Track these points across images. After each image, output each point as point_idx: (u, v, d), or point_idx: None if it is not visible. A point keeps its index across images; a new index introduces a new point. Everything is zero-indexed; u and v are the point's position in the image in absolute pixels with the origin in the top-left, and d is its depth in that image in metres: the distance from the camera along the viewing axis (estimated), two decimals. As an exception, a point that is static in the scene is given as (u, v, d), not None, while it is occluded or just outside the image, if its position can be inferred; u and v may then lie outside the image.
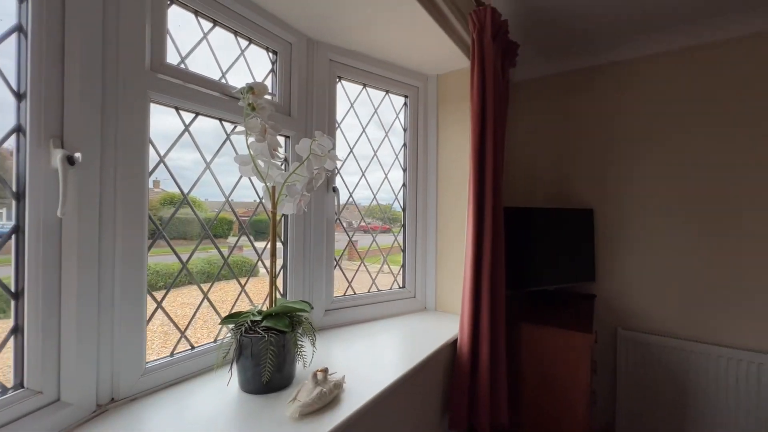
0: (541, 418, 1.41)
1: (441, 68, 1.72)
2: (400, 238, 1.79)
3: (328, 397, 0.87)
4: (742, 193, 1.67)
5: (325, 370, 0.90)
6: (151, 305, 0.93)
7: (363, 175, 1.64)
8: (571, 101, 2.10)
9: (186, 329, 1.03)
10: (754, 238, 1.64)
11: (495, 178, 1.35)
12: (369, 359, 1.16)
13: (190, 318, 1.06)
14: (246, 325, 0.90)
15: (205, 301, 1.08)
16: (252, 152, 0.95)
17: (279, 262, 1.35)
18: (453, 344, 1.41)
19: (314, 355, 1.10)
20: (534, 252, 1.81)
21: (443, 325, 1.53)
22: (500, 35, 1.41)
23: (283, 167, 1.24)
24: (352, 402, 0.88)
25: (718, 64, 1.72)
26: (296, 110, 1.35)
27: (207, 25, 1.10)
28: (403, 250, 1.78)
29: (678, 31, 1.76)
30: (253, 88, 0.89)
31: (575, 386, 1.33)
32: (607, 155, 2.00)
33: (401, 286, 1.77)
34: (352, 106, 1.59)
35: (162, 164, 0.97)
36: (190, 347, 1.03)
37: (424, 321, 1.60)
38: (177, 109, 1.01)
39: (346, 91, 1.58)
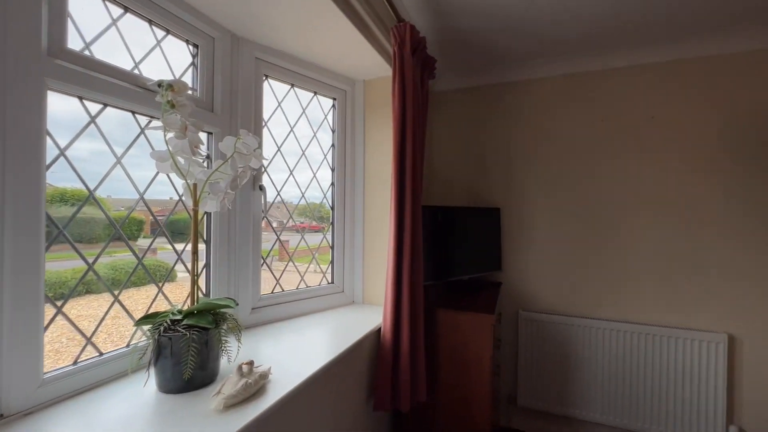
0: (454, 391, 1.60)
1: (368, 74, 1.82)
2: (330, 236, 1.85)
3: (254, 387, 0.90)
4: (616, 197, 2.08)
5: (250, 363, 0.93)
6: (50, 311, 0.86)
7: (291, 173, 1.67)
8: (482, 112, 2.38)
9: (92, 335, 0.96)
10: (625, 234, 2.06)
11: (414, 179, 1.50)
12: (297, 351, 1.21)
13: (99, 321, 0.99)
14: (165, 324, 0.89)
15: (111, 311, 1.02)
16: (171, 149, 0.93)
17: (201, 262, 1.31)
18: (377, 333, 1.52)
19: (240, 351, 1.11)
20: (451, 246, 2.02)
21: (369, 316, 1.64)
22: (419, 50, 1.56)
23: (205, 164, 1.21)
24: (278, 391, 0.93)
25: (589, 90, 2.12)
26: (220, 106, 1.32)
27: (117, 11, 1.04)
28: (332, 247, 1.85)
29: (560, 60, 2.12)
30: (172, 86, 0.88)
31: (481, 361, 1.54)
32: (510, 161, 2.31)
33: (330, 281, 1.84)
34: (279, 105, 1.61)
35: (63, 158, 0.90)
36: (98, 353, 0.97)
37: (352, 313, 1.69)
38: (81, 98, 0.94)
39: (274, 90, 1.58)
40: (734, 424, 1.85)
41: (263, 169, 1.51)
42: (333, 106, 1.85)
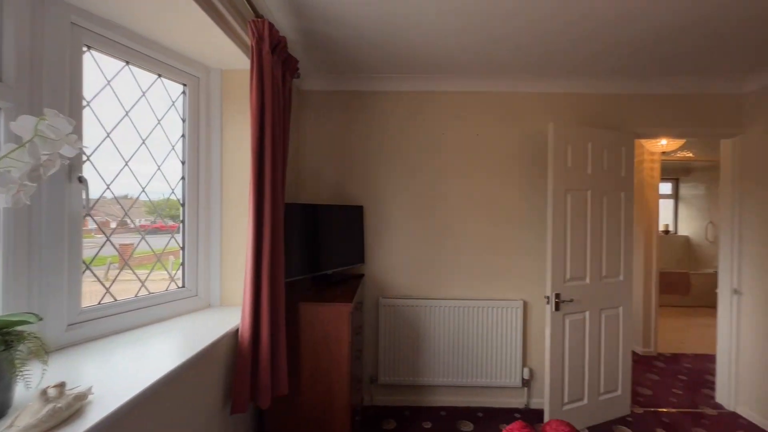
0: (317, 379, 1.69)
1: (225, 64, 1.73)
2: (180, 236, 1.68)
3: (66, 412, 0.78)
4: (452, 198, 2.52)
5: (60, 385, 0.80)
6: None
7: (126, 164, 1.44)
8: (350, 117, 2.54)
9: None
10: (457, 229, 2.51)
11: (275, 176, 1.51)
12: (132, 365, 1.08)
13: None
14: None
15: None
16: (-77, 125, 0.71)
17: (-16, 271, 1.02)
18: (235, 334, 1.48)
19: (46, 375, 0.92)
20: (318, 242, 2.10)
21: (227, 318, 1.57)
22: (279, 48, 1.57)
23: (-12, 147, 0.95)
24: (100, 411, 0.82)
25: (433, 107, 2.52)
26: (13, 75, 1.06)
27: None
28: (183, 248, 1.68)
29: (411, 78, 2.45)
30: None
31: (340, 346, 1.67)
32: (373, 164, 2.53)
33: (181, 285, 1.67)
34: (108, 84, 1.37)
35: None
36: None
37: (207, 318, 1.58)
38: None
39: (101, 66, 1.34)
40: (527, 365, 2.50)
41: (85, 158, 1.27)
42: (183, 92, 1.68)
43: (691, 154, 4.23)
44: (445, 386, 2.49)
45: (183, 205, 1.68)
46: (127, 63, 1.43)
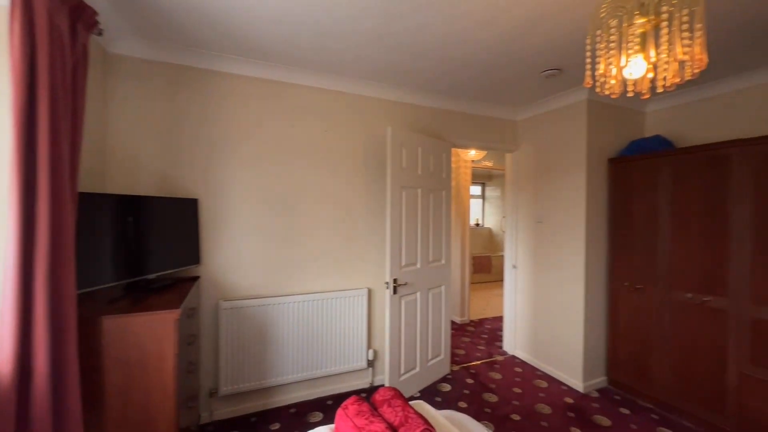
0: (130, 408, 1.39)
1: (-37, -10, 1.20)
2: None
3: None
4: (300, 192, 2.48)
5: None
6: None
7: None
8: (181, 94, 2.17)
9: None
10: (306, 223, 2.50)
11: (56, 155, 1.15)
12: None
13: None
14: None
15: None
16: None
17: None
18: (-14, 372, 1.06)
19: None
20: (135, 241, 1.72)
21: (-30, 352, 1.10)
22: (63, -11, 1.20)
23: None
24: None
25: (283, 97, 2.43)
26: None
27: None
28: None
29: (259, 65, 2.30)
30: None
31: (163, 363, 1.42)
32: (212, 152, 2.25)
33: None
34: None
35: None
36: None
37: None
38: None
39: None
40: (371, 347, 2.73)
41: None
42: None
43: (490, 164, 5.46)
44: (295, 383, 2.46)
45: None
46: None
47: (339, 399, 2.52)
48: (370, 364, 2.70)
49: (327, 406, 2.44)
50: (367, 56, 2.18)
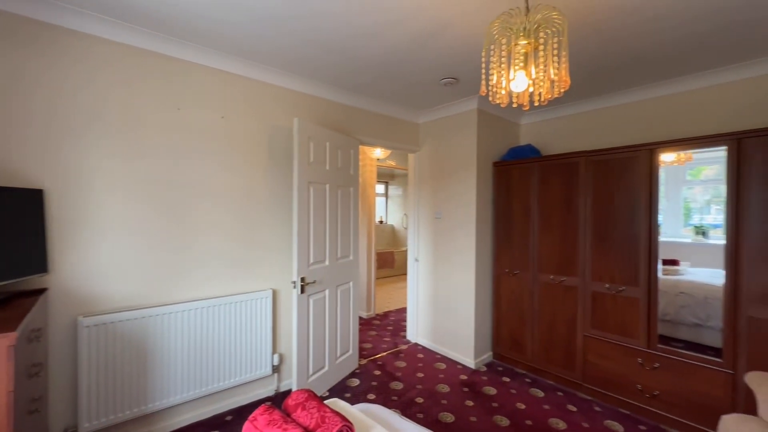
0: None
1: None
2: None
3: None
4: (187, 185, 2.15)
5: None
6: None
7: None
8: (19, 55, 1.66)
9: None
10: (196, 220, 2.19)
11: None
12: None
13: None
14: None
15: None
16: None
17: None
18: None
19: None
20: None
21: None
22: None
23: None
24: None
25: (169, 75, 2.08)
26: None
27: None
28: None
29: (142, 33, 1.92)
30: None
31: (-11, 405, 1.07)
32: (68, 133, 1.79)
33: None
34: None
35: None
36: None
37: None
38: None
39: None
40: (277, 352, 2.57)
41: None
42: None
43: (393, 163, 5.71)
44: (187, 402, 2.15)
45: None
46: None
47: (241, 413, 2.30)
48: (276, 369, 2.54)
49: (226, 423, 2.20)
50: (271, 39, 2.03)
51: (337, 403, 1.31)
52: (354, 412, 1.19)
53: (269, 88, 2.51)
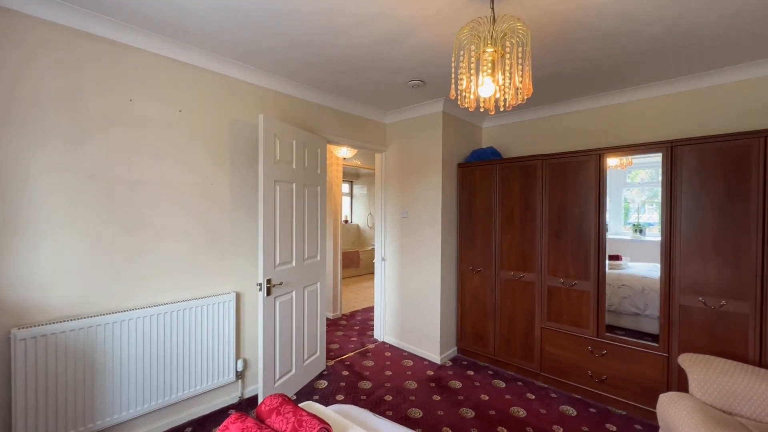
0: None
1: None
2: None
3: None
4: (140, 182, 2.00)
5: None
6: None
7: None
8: None
9: None
10: (155, 219, 2.04)
11: None
12: None
13: None
14: None
15: None
16: None
17: None
18: None
19: None
20: None
21: None
22: None
23: None
24: None
25: (118, 61, 1.92)
26: None
27: None
28: None
29: (80, 12, 1.75)
30: None
31: None
32: (1, 119, 1.59)
33: None
34: None
35: None
36: None
37: None
38: None
39: None
40: (240, 357, 2.47)
41: None
42: None
43: (359, 163, 5.70)
44: (141, 416, 2.00)
45: None
46: None
47: (203, 423, 2.19)
48: (240, 375, 2.44)
49: (186, 435, 2.08)
50: (234, 30, 1.95)
51: (312, 406, 1.29)
52: (329, 413, 1.18)
53: (232, 82, 2.40)
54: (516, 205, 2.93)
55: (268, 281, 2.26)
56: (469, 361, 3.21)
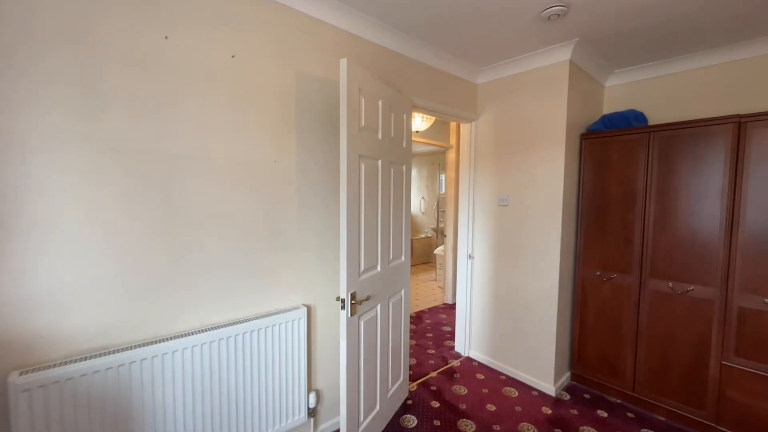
0: None
1: None
2: None
3: None
4: (187, 159, 1.41)
5: None
6: None
7: None
8: None
9: None
10: (198, 213, 1.45)
11: None
12: None
13: None
14: None
15: None
16: None
17: None
18: None
19: None
20: None
21: None
22: None
23: None
24: None
25: (146, -23, 1.30)
26: None
27: None
28: None
29: None
30: None
31: None
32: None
33: None
34: None
35: None
36: None
37: None
38: None
39: None
40: (313, 389, 1.89)
41: None
42: None
43: (429, 140, 4.91)
44: (190, 476, 1.48)
45: None
46: None
47: (267, 481, 1.64)
48: (312, 412, 1.87)
49: (249, 501, 1.54)
50: None
51: None
52: None
53: (301, 19, 1.73)
54: (682, 190, 2.06)
55: (353, 296, 1.63)
56: (593, 393, 2.45)
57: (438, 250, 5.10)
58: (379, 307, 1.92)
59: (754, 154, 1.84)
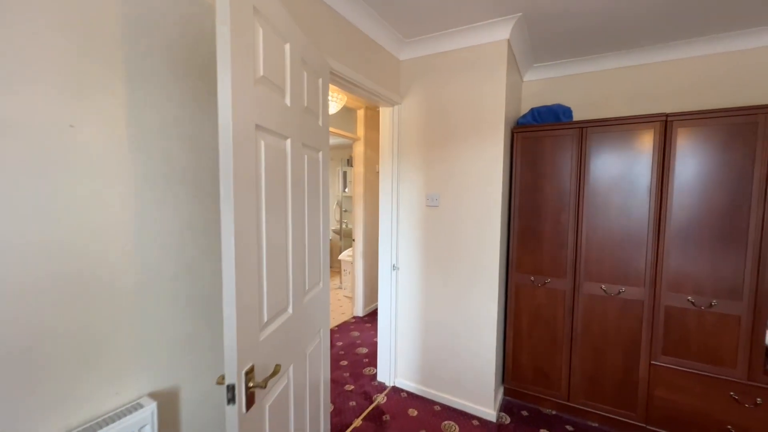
0: None
1: None
2: None
3: None
4: None
5: None
6: None
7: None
8: None
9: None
10: None
11: None
12: None
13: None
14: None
15: None
16: None
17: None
18: None
19: None
20: None
21: None
22: None
23: None
24: None
25: None
26: None
27: None
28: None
29: None
30: None
31: None
32: None
33: None
34: None
35: None
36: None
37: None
38: None
39: None
40: None
41: None
42: None
43: (337, 130, 4.24)
44: None
45: None
46: None
47: None
48: None
49: None
50: None
51: None
52: None
53: None
54: (613, 188, 1.99)
55: (248, 375, 0.92)
56: (529, 408, 2.26)
57: (343, 255, 4.52)
58: (291, 370, 1.23)
59: (680, 153, 1.84)
